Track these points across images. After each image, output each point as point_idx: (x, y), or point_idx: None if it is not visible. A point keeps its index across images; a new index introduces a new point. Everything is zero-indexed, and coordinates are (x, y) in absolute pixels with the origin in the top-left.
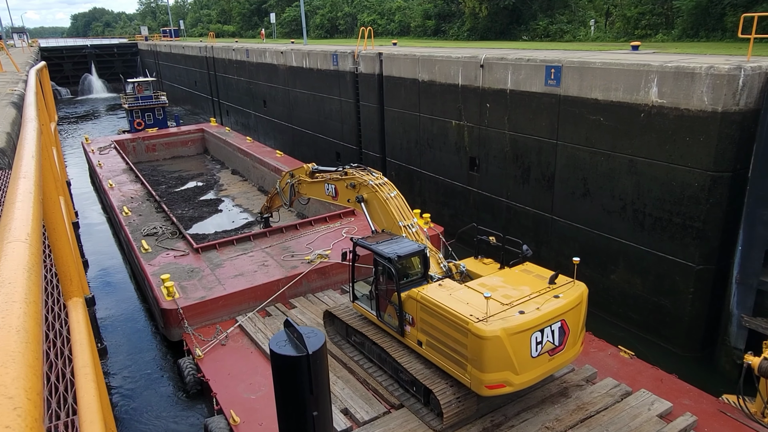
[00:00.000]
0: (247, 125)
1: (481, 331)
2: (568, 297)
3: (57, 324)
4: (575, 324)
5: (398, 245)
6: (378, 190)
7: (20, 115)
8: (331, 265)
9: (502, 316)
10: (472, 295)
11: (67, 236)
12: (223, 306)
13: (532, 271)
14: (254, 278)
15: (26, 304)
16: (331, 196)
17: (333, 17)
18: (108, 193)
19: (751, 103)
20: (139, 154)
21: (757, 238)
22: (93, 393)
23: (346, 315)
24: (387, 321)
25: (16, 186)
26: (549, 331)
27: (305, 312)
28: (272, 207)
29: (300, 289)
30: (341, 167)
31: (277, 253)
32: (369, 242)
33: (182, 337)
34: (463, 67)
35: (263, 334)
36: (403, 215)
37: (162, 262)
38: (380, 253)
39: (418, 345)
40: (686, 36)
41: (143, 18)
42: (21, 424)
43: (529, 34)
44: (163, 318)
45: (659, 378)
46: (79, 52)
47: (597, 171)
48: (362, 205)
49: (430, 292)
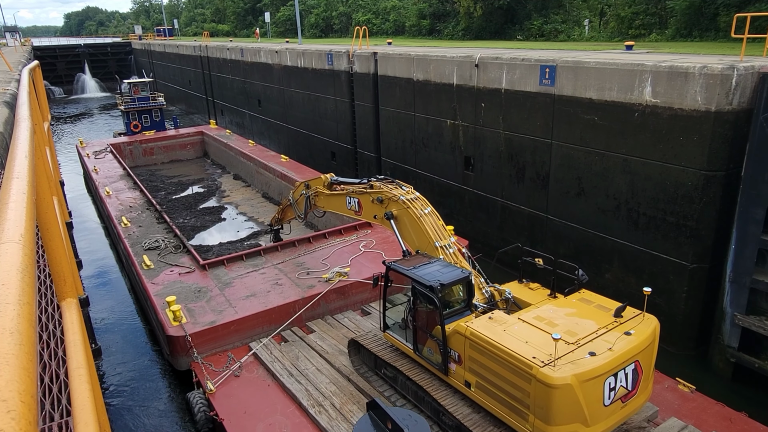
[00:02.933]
0: (241, 125)
1: (548, 378)
2: (641, 334)
3: (51, 325)
4: (648, 364)
5: (439, 271)
6: (410, 206)
7: (13, 114)
8: (350, 284)
9: (570, 359)
10: (531, 332)
11: (61, 236)
12: (235, 331)
13: (592, 300)
14: (268, 299)
15: (20, 306)
16: (354, 210)
17: (328, 17)
18: (105, 202)
19: (744, 102)
20: (136, 158)
21: (750, 236)
22: (87, 394)
23: (375, 345)
24: (426, 356)
25: (9, 186)
26: (623, 375)
27: (325, 338)
28: (284, 219)
29: (317, 310)
30: (365, 179)
31: (290, 270)
32: (405, 266)
33: (191, 366)
34: (458, 67)
35: (280, 363)
36: (440, 234)
37: (166, 280)
38: (420, 280)
39: (466, 386)
40: (680, 36)
41: (137, 17)
42: (15, 427)
43: (524, 33)
44: (170, 345)
45: (728, 417)
46: (72, 52)
47: (591, 170)
48: (392, 223)
49: (482, 328)
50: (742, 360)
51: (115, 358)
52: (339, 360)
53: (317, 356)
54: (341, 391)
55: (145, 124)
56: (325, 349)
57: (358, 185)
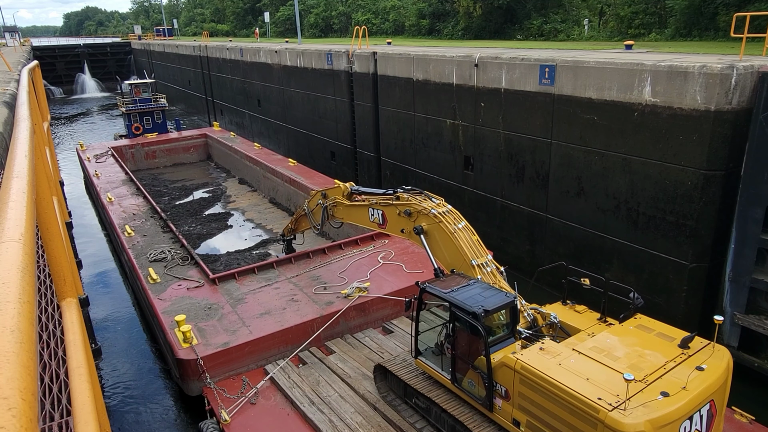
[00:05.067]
0: (241, 125)
1: (619, 424)
2: (715, 369)
3: (51, 325)
4: (722, 403)
5: (481, 294)
6: (442, 220)
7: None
8: (370, 300)
9: (641, 400)
10: (590, 366)
11: (61, 236)
12: (249, 353)
13: (651, 327)
14: (284, 318)
15: (20, 304)
16: (377, 223)
17: (327, 16)
18: (107, 209)
19: (743, 102)
20: (138, 162)
21: (749, 236)
22: (87, 393)
23: (404, 372)
24: (467, 388)
25: (9, 185)
26: (698, 417)
27: (346, 360)
28: (297, 229)
29: (337, 329)
30: (390, 190)
31: (306, 285)
32: (442, 289)
33: (203, 392)
34: (458, 67)
35: (300, 389)
36: (476, 252)
37: (173, 296)
38: (462, 305)
39: (515, 425)
40: (679, 35)
41: (136, 17)
42: (16, 424)
43: (523, 33)
44: (180, 369)
45: None
46: (71, 52)
47: (591, 170)
48: (422, 238)
49: (534, 362)
50: (741, 359)
51: (121, 380)
52: (363, 386)
53: (339, 381)
54: (368, 422)
55: (147, 126)
56: (348, 372)
57: (383, 196)
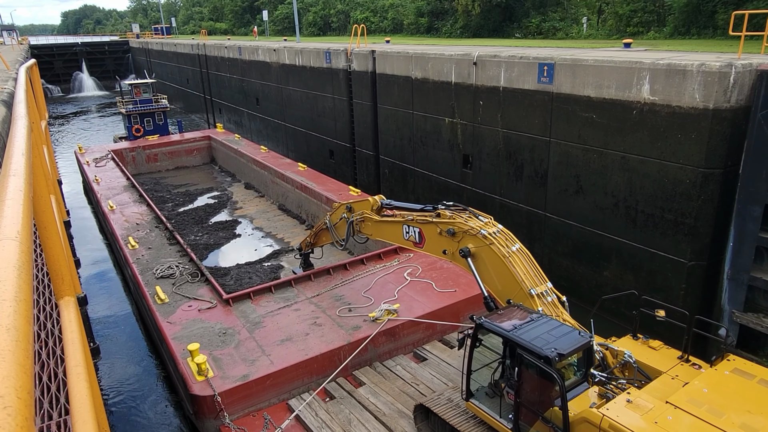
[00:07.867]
0: (240, 123)
1: None
2: None
3: (49, 323)
4: None
5: (550, 333)
6: (493, 241)
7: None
8: (401, 324)
9: None
10: (693, 426)
11: (59, 235)
12: (271, 386)
13: (750, 371)
14: (307, 345)
15: (17, 302)
16: (413, 242)
17: (326, 15)
18: (109, 218)
19: (742, 100)
20: (139, 165)
21: (747, 234)
22: (86, 392)
23: (452, 414)
24: None
25: (6, 184)
26: None
27: (378, 393)
28: (316, 243)
29: (365, 356)
30: (429, 205)
31: (329, 306)
32: (503, 325)
33: (220, 431)
34: (456, 65)
35: (329, 430)
36: (534, 279)
37: (184, 319)
38: (531, 348)
39: None
40: (678, 33)
41: (134, 15)
42: (11, 423)
43: (522, 31)
44: (194, 405)
45: None
46: (69, 50)
47: (590, 168)
48: (469, 262)
49: (624, 419)
50: (740, 357)
51: (119, 379)
52: (400, 425)
53: (372, 419)
54: None
55: (148, 128)
56: (381, 409)
57: (420, 213)
